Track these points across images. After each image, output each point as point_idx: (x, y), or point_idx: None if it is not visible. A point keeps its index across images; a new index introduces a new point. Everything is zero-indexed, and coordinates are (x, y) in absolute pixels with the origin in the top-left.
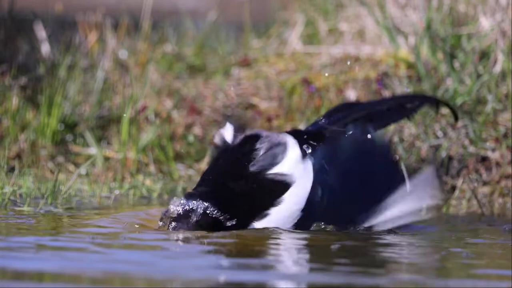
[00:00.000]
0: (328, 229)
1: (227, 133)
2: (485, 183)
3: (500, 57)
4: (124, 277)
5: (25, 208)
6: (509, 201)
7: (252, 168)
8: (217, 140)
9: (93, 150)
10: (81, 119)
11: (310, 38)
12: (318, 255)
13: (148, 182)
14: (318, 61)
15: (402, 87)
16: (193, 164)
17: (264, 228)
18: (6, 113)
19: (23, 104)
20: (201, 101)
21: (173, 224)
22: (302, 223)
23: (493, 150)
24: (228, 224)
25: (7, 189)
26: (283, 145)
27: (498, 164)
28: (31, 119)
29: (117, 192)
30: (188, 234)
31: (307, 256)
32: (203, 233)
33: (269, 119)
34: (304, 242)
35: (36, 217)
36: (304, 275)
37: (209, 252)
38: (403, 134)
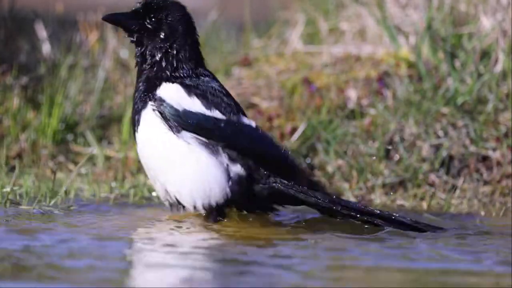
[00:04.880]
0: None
1: None
2: (486, 183)
3: (501, 57)
4: None
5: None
6: (509, 201)
7: None
8: None
9: (94, 149)
10: (81, 119)
11: (311, 37)
12: None
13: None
14: (319, 60)
15: (402, 86)
16: None
17: None
18: (7, 112)
19: (24, 103)
20: None
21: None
22: None
23: (494, 149)
24: None
25: (8, 189)
26: None
27: (499, 163)
28: (32, 119)
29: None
30: None
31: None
32: None
33: (269, 119)
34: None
35: None
36: None
37: None
38: (404, 133)
